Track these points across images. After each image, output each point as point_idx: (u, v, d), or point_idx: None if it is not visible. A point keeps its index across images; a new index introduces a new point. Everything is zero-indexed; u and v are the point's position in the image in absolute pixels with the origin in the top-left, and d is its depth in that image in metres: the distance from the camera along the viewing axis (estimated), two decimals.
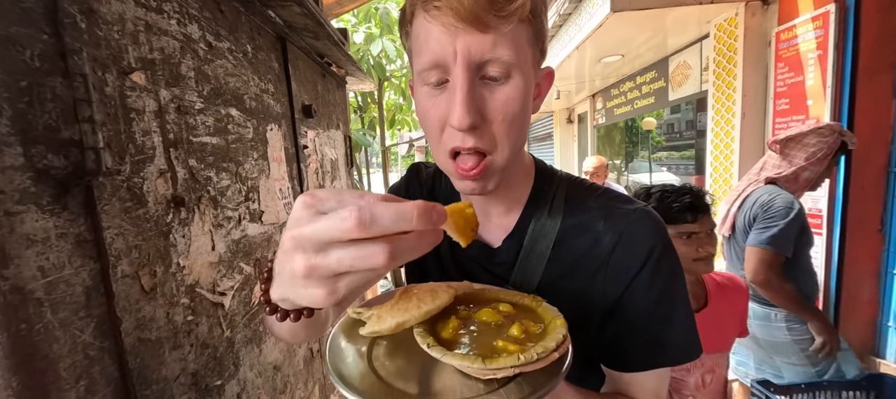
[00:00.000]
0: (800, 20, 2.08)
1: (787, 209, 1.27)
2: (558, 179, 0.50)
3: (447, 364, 0.31)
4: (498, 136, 0.39)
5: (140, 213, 0.43)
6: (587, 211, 0.46)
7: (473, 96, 0.37)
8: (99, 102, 0.38)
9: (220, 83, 0.60)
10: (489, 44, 0.36)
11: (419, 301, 0.35)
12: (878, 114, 1.89)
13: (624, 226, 0.44)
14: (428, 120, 0.41)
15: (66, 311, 0.35)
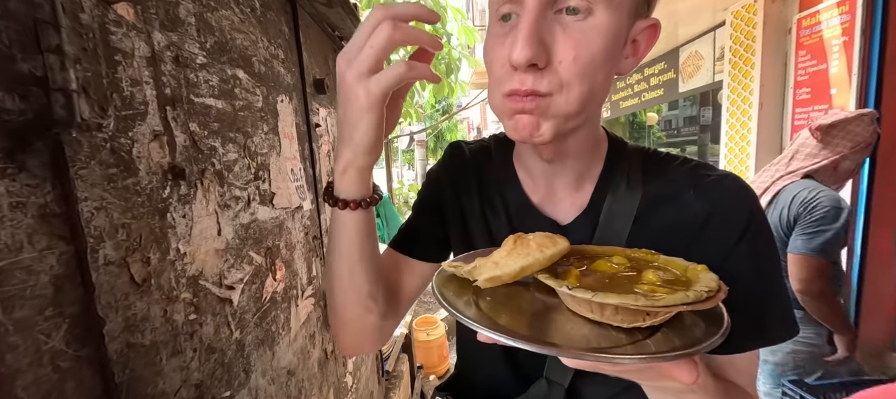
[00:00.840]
0: (824, 6, 1.99)
1: (837, 210, 1.14)
2: (631, 150, 0.46)
3: (571, 316, 0.30)
4: (565, 77, 0.33)
5: (129, 183, 0.34)
6: (671, 181, 0.42)
7: (539, 28, 0.32)
8: (71, 30, 0.28)
9: (225, 37, 0.51)
10: None
11: (540, 246, 0.32)
12: None
13: (717, 193, 0.40)
14: (492, 58, 0.36)
15: (26, 308, 0.25)
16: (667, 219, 0.41)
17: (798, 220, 1.19)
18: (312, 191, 0.80)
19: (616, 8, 0.33)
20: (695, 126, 4.56)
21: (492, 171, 0.48)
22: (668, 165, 0.44)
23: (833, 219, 1.14)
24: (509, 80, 0.34)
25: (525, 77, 0.33)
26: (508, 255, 0.32)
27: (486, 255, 0.34)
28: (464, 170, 0.50)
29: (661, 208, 0.41)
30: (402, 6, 0.32)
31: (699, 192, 0.40)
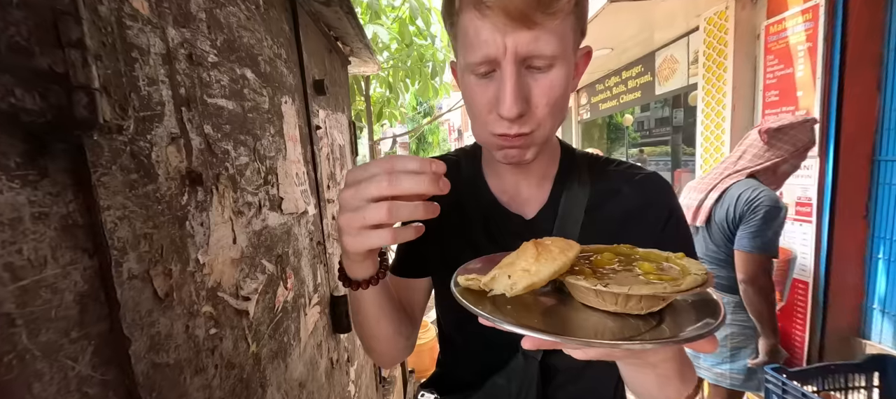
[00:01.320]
0: (789, 14, 2.12)
1: (776, 209, 1.24)
2: (578, 155, 0.56)
3: (586, 310, 0.32)
4: (541, 118, 0.42)
5: (149, 189, 0.31)
6: (611, 180, 0.53)
7: (521, 87, 0.40)
8: (91, 23, 0.26)
9: (233, 34, 0.48)
10: (535, 39, 0.38)
11: (562, 250, 0.33)
12: (864, 105, 1.96)
13: (647, 188, 0.51)
14: (476, 104, 0.43)
15: (51, 331, 0.23)
16: (612, 210, 0.51)
17: (743, 219, 1.27)
18: (315, 195, 0.77)
19: (567, 56, 0.40)
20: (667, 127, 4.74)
21: (464, 183, 0.54)
22: (607, 167, 0.54)
23: (773, 218, 1.22)
24: (497, 124, 0.42)
25: (512, 125, 0.41)
26: (537, 261, 0.33)
27: (496, 261, 0.36)
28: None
29: (606, 202, 0.51)
30: (407, 183, 0.33)
31: (633, 189, 0.51)
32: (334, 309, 0.82)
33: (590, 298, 0.32)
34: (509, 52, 0.38)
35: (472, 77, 0.42)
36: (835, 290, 2.10)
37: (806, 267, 2.14)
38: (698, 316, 0.30)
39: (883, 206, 2.02)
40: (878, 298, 2.05)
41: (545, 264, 0.32)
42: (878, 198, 2.03)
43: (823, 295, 2.11)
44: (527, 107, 0.40)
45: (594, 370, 0.51)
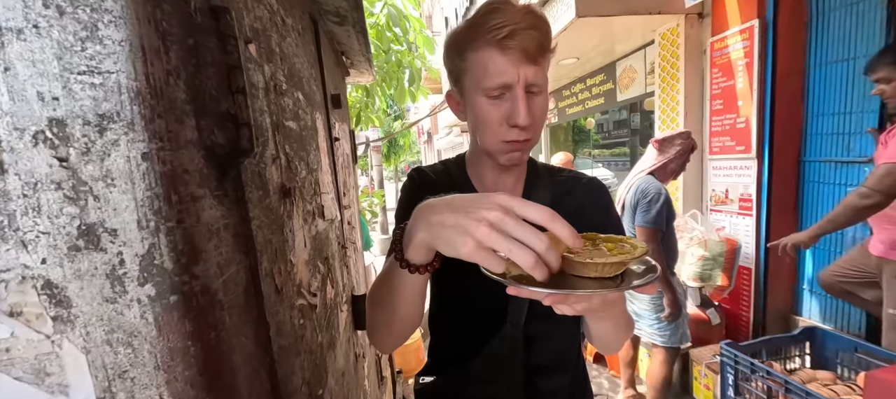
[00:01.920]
0: (730, 32, 2.41)
1: (657, 193, 1.72)
2: (540, 165, 0.72)
3: (574, 278, 0.41)
4: (537, 128, 0.58)
5: (267, 202, 0.38)
6: (565, 182, 0.69)
7: (529, 105, 0.54)
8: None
9: (291, 63, 0.54)
10: (537, 73, 0.54)
11: (555, 241, 0.39)
12: (792, 113, 2.28)
13: (591, 187, 0.69)
14: (490, 119, 0.56)
15: (236, 315, 0.29)
16: (567, 205, 0.63)
17: (638, 204, 1.75)
18: (337, 201, 0.83)
19: (546, 86, 0.58)
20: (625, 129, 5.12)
21: (454, 185, 0.67)
22: (561, 174, 0.71)
23: (656, 201, 1.71)
24: (509, 133, 0.56)
25: (522, 132, 0.56)
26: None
27: None
28: (436, 187, 0.65)
29: (562, 199, 0.66)
30: (567, 233, 0.37)
31: (581, 189, 0.69)
32: (355, 307, 0.88)
33: (577, 269, 0.41)
34: (521, 80, 0.53)
35: (484, 98, 0.55)
36: (773, 275, 2.41)
37: (749, 255, 2.42)
38: (643, 274, 0.42)
39: (808, 200, 2.34)
40: (807, 280, 2.38)
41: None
42: (804, 193, 2.35)
43: (764, 279, 2.41)
44: (531, 119, 0.55)
45: (560, 336, 0.67)
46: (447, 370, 0.68)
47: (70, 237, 0.22)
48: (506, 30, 0.51)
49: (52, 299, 0.22)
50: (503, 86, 0.53)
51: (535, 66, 0.53)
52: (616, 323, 0.55)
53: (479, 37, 0.53)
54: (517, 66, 0.52)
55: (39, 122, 0.21)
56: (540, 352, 0.64)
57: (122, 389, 0.24)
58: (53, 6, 0.21)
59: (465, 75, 0.57)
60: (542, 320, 0.62)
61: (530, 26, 0.51)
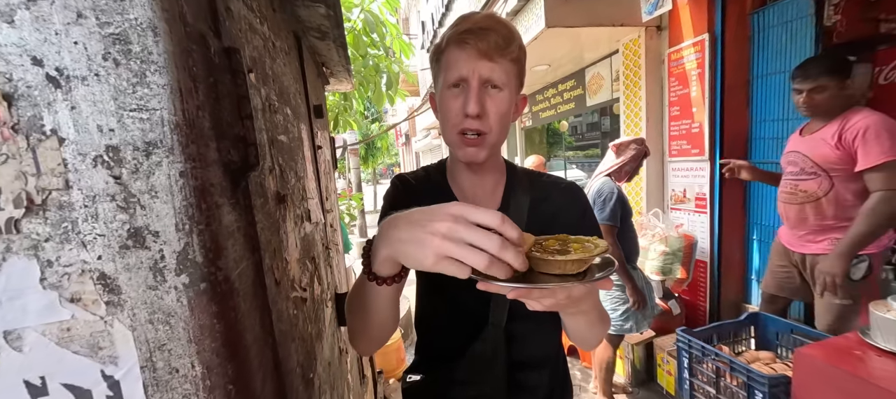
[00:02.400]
0: (684, 45, 2.62)
1: (611, 193, 1.92)
2: (519, 169, 0.75)
3: (540, 276, 0.45)
4: (492, 122, 0.61)
5: (266, 208, 0.44)
6: (544, 187, 0.72)
7: (481, 97, 0.59)
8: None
9: (281, 82, 0.60)
10: (492, 69, 0.58)
11: (523, 241, 0.44)
12: (739, 119, 2.50)
13: (568, 191, 0.73)
14: (449, 110, 0.61)
15: (247, 302, 0.36)
16: (545, 209, 0.69)
17: (595, 202, 1.92)
18: (320, 206, 0.89)
19: (511, 89, 0.61)
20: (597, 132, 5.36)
21: (434, 191, 0.70)
22: (540, 179, 0.73)
23: (609, 199, 1.90)
24: (462, 123, 0.60)
25: (473, 121, 0.59)
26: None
27: None
28: (416, 193, 0.70)
29: (541, 205, 0.69)
30: (515, 234, 0.40)
31: (559, 193, 0.71)
32: (338, 304, 0.94)
33: (542, 266, 0.45)
34: (476, 74, 0.58)
35: (447, 91, 0.60)
36: (725, 267, 2.63)
37: (704, 249, 2.63)
38: (602, 269, 0.46)
39: (754, 198, 2.57)
40: (754, 271, 2.61)
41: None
42: (751, 192, 2.58)
43: (717, 271, 2.63)
44: (484, 111, 0.59)
45: (540, 335, 0.70)
46: (433, 369, 0.71)
47: (121, 238, 0.28)
48: (464, 28, 0.58)
49: (105, 288, 0.28)
50: (460, 78, 0.58)
51: (490, 63, 0.57)
52: (588, 318, 0.57)
53: (446, 38, 0.60)
54: (473, 61, 0.57)
55: (99, 149, 0.27)
56: (521, 349, 0.67)
57: (161, 359, 0.30)
58: (111, 59, 0.27)
59: (439, 75, 0.63)
60: (523, 319, 0.65)
61: (487, 28, 0.57)
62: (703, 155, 2.57)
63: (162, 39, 0.28)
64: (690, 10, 2.52)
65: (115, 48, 0.27)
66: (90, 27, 0.26)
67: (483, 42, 0.56)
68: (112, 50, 0.27)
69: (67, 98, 0.26)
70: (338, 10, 0.80)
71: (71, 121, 0.27)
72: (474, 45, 0.57)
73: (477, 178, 0.69)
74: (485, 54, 0.57)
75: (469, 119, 0.59)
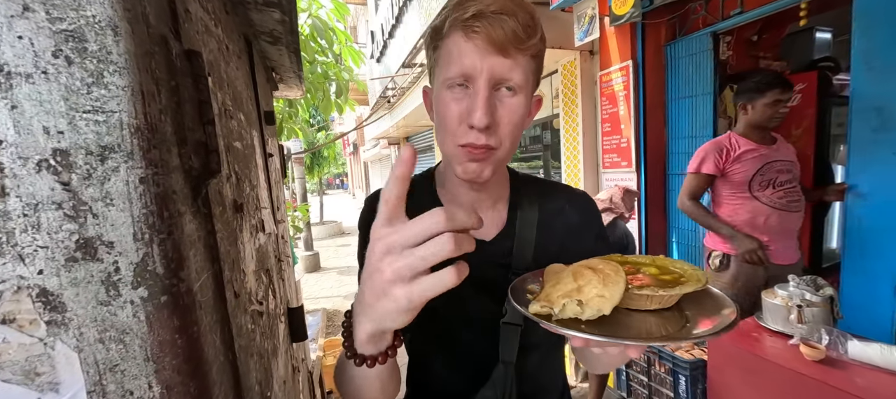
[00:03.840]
0: (613, 68, 2.93)
1: (633, 240, 2.12)
2: (521, 176, 0.62)
3: (631, 313, 0.39)
4: (503, 135, 0.47)
5: (225, 217, 0.42)
6: (555, 198, 0.60)
7: (491, 103, 0.45)
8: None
9: (235, 87, 0.58)
10: (508, 67, 0.45)
11: (615, 272, 0.39)
12: (658, 136, 2.85)
13: (583, 206, 0.61)
14: (448, 115, 0.47)
15: (208, 315, 0.34)
16: (558, 227, 0.57)
17: (629, 245, 2.05)
18: (273, 216, 0.85)
19: (528, 91, 0.48)
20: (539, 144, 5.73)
21: (421, 208, 0.55)
22: (548, 188, 0.61)
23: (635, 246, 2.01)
24: (466, 135, 0.46)
25: (480, 135, 0.45)
26: (606, 286, 0.37)
27: (545, 283, 0.42)
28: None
29: (553, 219, 0.57)
30: (462, 217, 0.30)
31: (573, 207, 0.59)
32: (291, 319, 0.90)
33: (627, 302, 0.37)
34: (485, 72, 0.44)
35: (447, 92, 0.46)
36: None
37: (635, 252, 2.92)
38: (707, 307, 0.37)
39: (674, 204, 2.92)
40: None
41: (614, 287, 0.37)
42: (669, 199, 2.93)
43: None
44: (494, 121, 0.45)
45: (549, 363, 0.60)
46: None
47: (68, 250, 0.26)
48: (471, 10, 0.43)
49: (46, 305, 0.26)
50: (464, 76, 0.45)
51: (506, 59, 0.44)
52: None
53: (448, 21, 0.46)
54: (482, 54, 0.44)
55: (44, 152, 0.25)
56: (531, 385, 0.58)
57: (113, 381, 0.27)
58: (63, 57, 0.25)
59: (436, 68, 0.50)
60: (532, 352, 0.56)
61: (501, 10, 0.43)
62: (631, 167, 2.86)
63: (123, 39, 0.26)
64: (617, 39, 2.83)
65: (67, 45, 0.25)
66: (38, 22, 0.24)
67: (497, 30, 0.43)
68: (64, 47, 0.25)
69: (7, 96, 0.24)
70: (293, 17, 0.78)
71: (10, 121, 0.24)
72: (485, 33, 0.43)
73: (476, 194, 0.55)
74: (499, 47, 0.43)
75: (474, 131, 0.45)
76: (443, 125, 0.48)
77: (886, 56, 1.59)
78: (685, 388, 1.64)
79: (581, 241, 0.57)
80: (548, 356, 0.59)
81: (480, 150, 0.47)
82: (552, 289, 0.39)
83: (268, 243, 0.73)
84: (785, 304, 1.29)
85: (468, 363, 0.54)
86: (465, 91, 0.46)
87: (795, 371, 1.13)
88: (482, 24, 0.43)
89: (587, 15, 2.69)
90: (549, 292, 0.39)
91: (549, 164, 5.40)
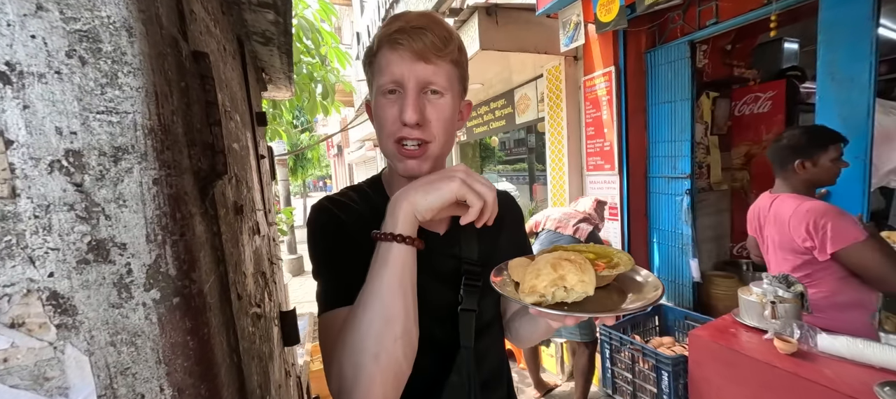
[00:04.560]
0: (596, 74, 3.01)
1: None
2: None
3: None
4: (435, 131, 0.54)
5: (228, 219, 0.42)
6: None
7: (419, 103, 0.52)
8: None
9: (231, 88, 0.58)
10: (431, 72, 0.52)
11: (585, 261, 0.46)
12: (639, 139, 2.94)
13: (509, 202, 0.71)
14: (385, 118, 0.54)
15: (217, 317, 0.34)
16: (495, 222, 0.58)
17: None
18: (265, 218, 0.84)
19: (454, 93, 0.55)
20: (524, 148, 5.81)
21: (377, 210, 0.55)
22: None
23: None
24: (399, 131, 0.53)
25: (412, 130, 0.52)
26: (584, 273, 0.44)
27: (522, 268, 0.50)
28: (358, 218, 0.56)
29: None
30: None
31: (502, 205, 0.61)
32: (283, 323, 0.89)
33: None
34: (412, 78, 0.51)
35: (382, 98, 0.53)
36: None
37: None
38: (631, 286, 0.47)
39: (654, 207, 3.02)
40: (656, 269, 3.03)
41: (590, 272, 0.45)
42: (650, 202, 3.02)
43: None
44: (424, 119, 0.52)
45: (496, 346, 0.66)
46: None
47: (79, 252, 0.25)
48: (395, 27, 0.51)
49: (57, 309, 0.25)
50: (395, 82, 0.52)
51: (429, 65, 0.52)
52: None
53: (378, 39, 0.54)
54: (409, 63, 0.51)
55: (56, 153, 0.25)
56: (485, 368, 0.62)
57: (124, 385, 0.27)
58: (77, 57, 0.25)
59: (372, 81, 0.56)
60: (484, 336, 0.61)
61: (422, 26, 0.51)
62: (613, 170, 2.94)
63: (137, 41, 0.26)
64: (600, 45, 2.91)
65: (81, 46, 0.25)
66: (52, 21, 0.24)
67: (418, 42, 0.50)
68: (78, 47, 0.25)
69: (19, 96, 0.24)
70: (287, 18, 0.78)
71: (22, 121, 0.24)
72: (408, 45, 0.51)
73: None
74: (421, 56, 0.51)
75: (407, 128, 0.52)
76: (381, 127, 0.55)
77: (848, 67, 1.70)
78: (668, 383, 1.70)
79: (508, 232, 0.66)
80: (496, 339, 0.66)
81: (416, 148, 0.54)
82: (535, 280, 0.45)
83: (263, 246, 0.72)
84: (760, 301, 1.36)
85: (429, 349, 0.54)
86: (397, 96, 0.53)
87: (770, 364, 1.19)
88: (405, 38, 0.51)
89: (572, 21, 2.75)
90: (533, 284, 0.45)
91: (533, 167, 5.47)
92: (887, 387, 0.89)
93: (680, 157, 2.71)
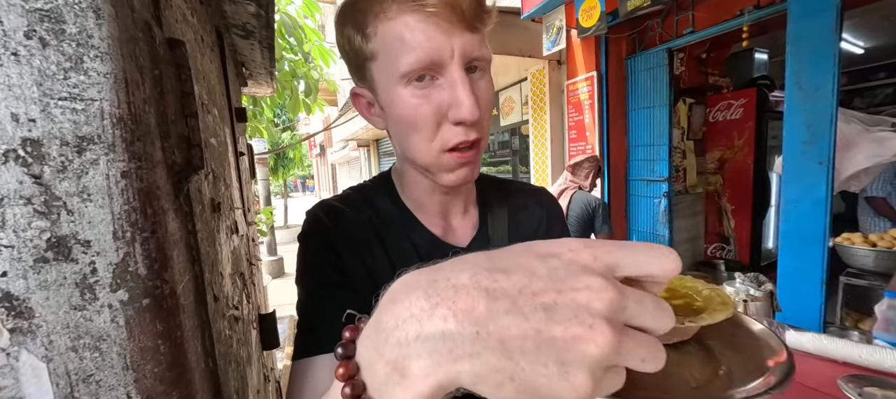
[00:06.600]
0: (579, 79, 3.07)
1: (606, 206, 2.23)
2: (483, 177, 0.56)
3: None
4: (486, 124, 0.41)
5: (204, 216, 0.40)
6: (517, 196, 0.56)
7: (474, 90, 0.38)
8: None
9: (209, 81, 0.55)
10: (477, 43, 0.38)
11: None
12: (620, 144, 3.02)
13: (543, 198, 0.58)
14: (419, 117, 0.38)
15: (190, 319, 0.32)
16: (527, 223, 0.54)
17: (595, 213, 2.15)
18: (244, 217, 0.81)
19: (490, 65, 0.42)
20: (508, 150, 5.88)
21: (389, 222, 0.47)
22: (510, 186, 0.57)
23: (606, 208, 2.19)
24: (454, 135, 0.38)
25: (470, 130, 0.38)
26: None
27: None
28: (358, 229, 0.45)
29: (520, 216, 0.54)
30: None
31: (535, 202, 0.56)
32: (262, 326, 0.86)
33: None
34: (458, 54, 0.36)
35: (408, 89, 0.38)
36: None
37: None
38: (741, 343, 0.28)
39: (634, 209, 3.10)
40: None
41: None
42: (630, 204, 3.10)
43: None
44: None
45: None
46: None
47: (37, 249, 0.23)
48: None
49: (10, 311, 0.23)
50: (431, 63, 0.36)
51: (476, 35, 0.37)
52: None
53: (387, 2, 0.37)
54: (449, 33, 0.36)
55: (11, 142, 0.23)
56: None
57: (86, 393, 0.25)
58: (36, 38, 0.23)
59: (373, 62, 0.40)
60: None
61: None
62: None
63: (106, 23, 0.25)
64: (582, 50, 2.97)
65: (42, 26, 0.23)
66: None
67: (459, 2, 0.36)
68: (38, 28, 0.23)
69: None
70: (270, 12, 0.76)
71: None
72: (447, 6, 0.35)
73: (447, 198, 0.49)
74: (465, 21, 0.36)
75: (464, 127, 0.38)
76: (413, 131, 0.40)
77: (814, 77, 1.80)
78: None
79: (550, 237, 0.54)
80: None
81: (469, 150, 0.40)
82: None
83: (241, 245, 0.69)
84: (732, 299, 1.41)
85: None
86: (431, 83, 0.38)
87: None
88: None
89: (555, 26, 2.80)
90: None
91: (516, 169, 5.53)
92: (850, 382, 0.94)
93: (658, 160, 2.80)
